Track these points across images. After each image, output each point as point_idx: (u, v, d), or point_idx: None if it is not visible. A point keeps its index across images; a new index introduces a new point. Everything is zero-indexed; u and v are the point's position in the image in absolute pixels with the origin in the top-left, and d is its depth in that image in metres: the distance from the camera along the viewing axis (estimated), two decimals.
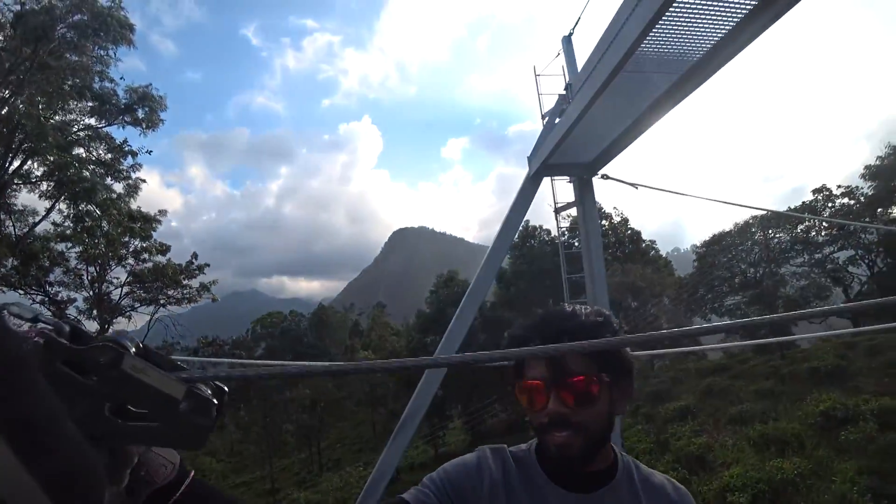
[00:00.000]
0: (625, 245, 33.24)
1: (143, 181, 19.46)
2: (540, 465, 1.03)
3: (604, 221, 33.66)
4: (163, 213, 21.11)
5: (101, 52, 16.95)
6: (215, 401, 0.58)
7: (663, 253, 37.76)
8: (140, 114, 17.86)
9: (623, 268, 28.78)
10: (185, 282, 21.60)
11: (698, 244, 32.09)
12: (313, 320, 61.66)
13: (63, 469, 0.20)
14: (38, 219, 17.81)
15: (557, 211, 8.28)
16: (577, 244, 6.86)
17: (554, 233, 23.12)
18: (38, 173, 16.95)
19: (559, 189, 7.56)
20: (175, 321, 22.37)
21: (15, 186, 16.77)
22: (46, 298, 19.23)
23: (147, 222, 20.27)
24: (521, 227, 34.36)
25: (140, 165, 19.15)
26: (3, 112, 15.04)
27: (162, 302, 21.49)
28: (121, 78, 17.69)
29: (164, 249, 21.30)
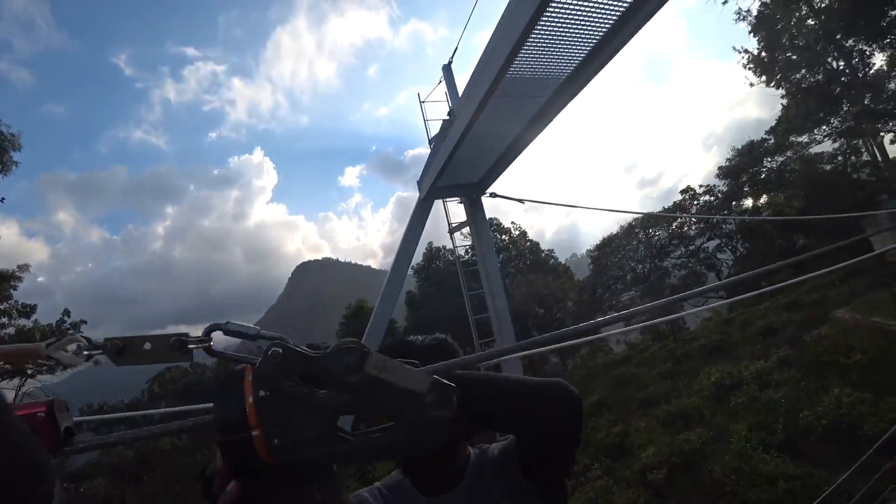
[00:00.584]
0: (525, 257, 34.79)
1: None
2: (413, 483, 1.13)
3: (503, 236, 35.00)
4: (23, 267, 18.69)
5: None
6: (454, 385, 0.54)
7: (562, 260, 40.03)
8: None
9: (526, 279, 30.07)
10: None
11: (592, 248, 34.42)
12: (219, 369, 57.34)
13: (8, 465, 0.20)
14: None
15: (452, 231, 8.46)
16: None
17: (459, 252, 23.64)
18: None
19: (452, 209, 7.71)
20: (47, 392, 19.56)
21: None
22: None
23: (4, 281, 17.78)
24: (426, 249, 35.01)
25: None
26: None
27: (30, 372, 18.74)
28: None
29: (27, 311, 18.87)
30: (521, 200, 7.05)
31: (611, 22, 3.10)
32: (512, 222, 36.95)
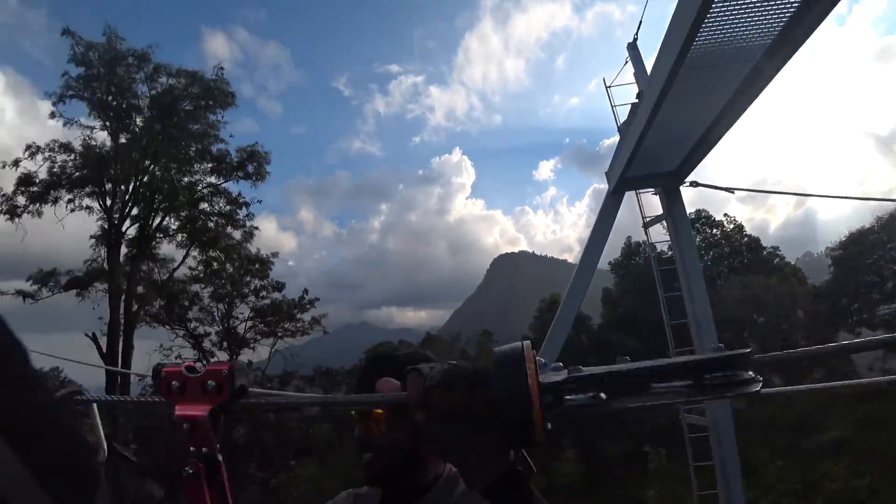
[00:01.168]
0: (741, 255, 30.00)
1: (257, 228, 21.76)
2: (381, 498, 1.17)
3: (714, 230, 30.72)
4: (275, 254, 23.25)
5: (213, 117, 19.62)
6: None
7: (791, 259, 33.44)
8: (250, 169, 20.15)
9: (742, 280, 25.92)
10: (298, 315, 23.27)
11: (833, 245, 27.92)
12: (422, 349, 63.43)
13: (57, 459, 0.21)
14: (175, 265, 20.46)
15: (647, 225, 7.73)
16: None
17: (660, 248, 21.53)
18: (174, 227, 19.68)
19: (648, 202, 7.07)
20: (292, 353, 23.92)
21: (157, 239, 19.49)
22: (187, 333, 21.80)
23: (263, 264, 22.45)
24: (624, 243, 32.90)
25: (253, 214, 21.46)
26: (144, 179, 17.85)
27: (280, 334, 23.22)
28: (231, 136, 20.29)
29: (279, 287, 23.29)
30: (730, 190, 6.12)
31: None
32: (725, 214, 31.87)
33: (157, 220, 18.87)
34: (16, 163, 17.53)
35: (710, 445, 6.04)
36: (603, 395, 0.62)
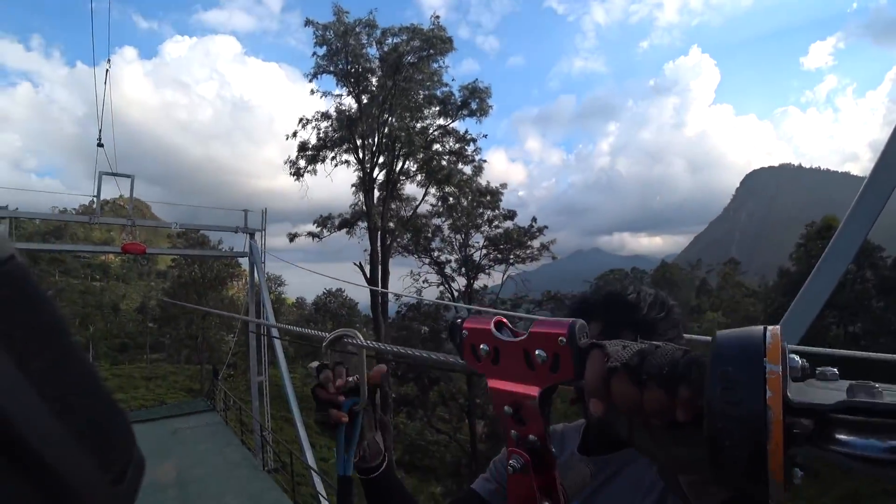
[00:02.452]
0: None
1: (485, 161, 23.16)
2: (581, 438, 1.05)
3: None
4: (504, 186, 24.54)
5: (435, 65, 21.02)
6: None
7: None
8: (473, 105, 21.20)
9: None
10: (528, 242, 24.29)
11: None
12: (656, 278, 60.00)
13: (94, 421, 0.23)
14: (417, 203, 23.41)
15: None
16: None
17: None
18: (414, 169, 22.19)
19: None
20: (524, 278, 25.20)
21: (401, 181, 22.42)
22: (431, 261, 24.92)
23: (493, 195, 23.92)
24: None
25: (480, 149, 22.83)
26: (385, 131, 20.39)
27: (511, 261, 24.74)
28: (452, 80, 21.38)
29: (510, 216, 24.77)
30: None
31: None
32: None
33: (400, 165, 21.67)
34: (294, 134, 22.01)
35: None
36: None
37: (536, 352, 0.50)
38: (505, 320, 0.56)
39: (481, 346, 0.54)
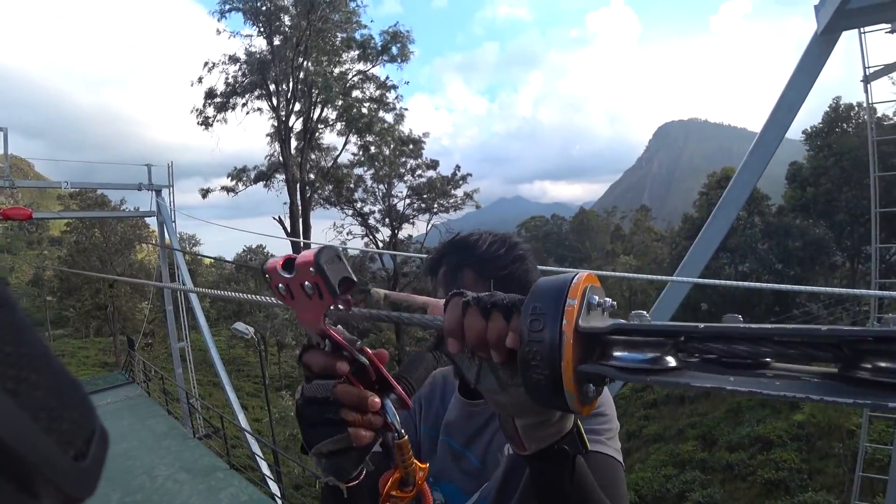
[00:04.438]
0: None
1: (406, 109, 22.66)
2: (459, 382, 1.11)
3: None
4: (426, 134, 24.21)
5: (353, 4, 19.87)
6: None
7: None
8: (394, 50, 20.39)
9: None
10: (451, 191, 24.35)
11: None
12: (574, 224, 62.74)
13: (50, 397, 0.22)
14: (338, 152, 22.57)
15: (869, 79, 6.20)
16: None
17: (882, 111, 16.93)
18: (333, 117, 21.20)
19: (875, 45, 5.51)
20: (448, 227, 25.36)
21: (320, 130, 21.42)
22: (354, 212, 24.46)
23: (416, 144, 23.53)
24: (829, 106, 26.63)
25: (402, 97, 22.21)
26: (300, 75, 19.15)
27: (435, 210, 24.80)
28: (371, 21, 20.23)
29: (433, 165, 24.56)
30: None
31: None
32: None
33: (318, 113, 20.60)
34: (199, 80, 20.19)
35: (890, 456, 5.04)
36: (671, 360, 0.42)
37: (304, 283, 0.56)
38: (293, 255, 0.58)
39: (279, 286, 0.59)
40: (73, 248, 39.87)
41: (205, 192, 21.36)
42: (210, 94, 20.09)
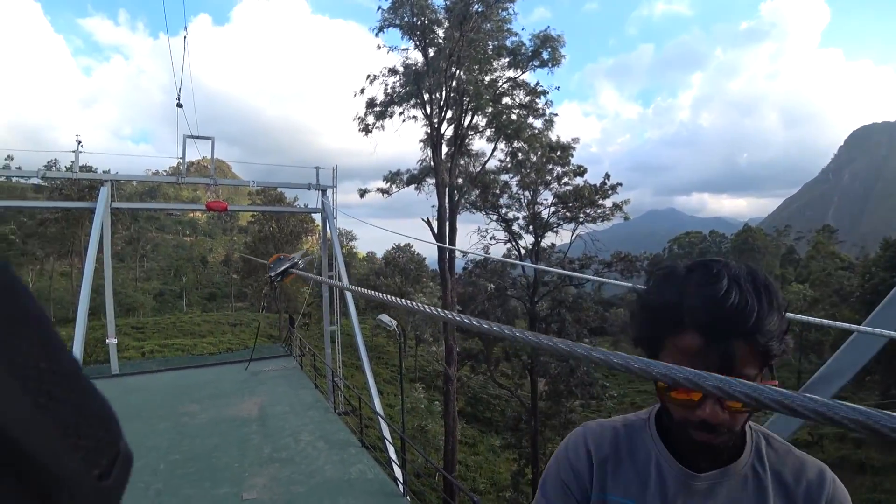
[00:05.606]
0: None
1: (556, 115, 22.26)
2: (658, 434, 0.94)
3: None
4: (575, 140, 23.53)
5: (503, 13, 20.11)
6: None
7: None
8: (545, 55, 20.28)
9: None
10: (599, 201, 23.43)
11: None
12: (737, 242, 56.29)
13: (79, 415, 0.23)
14: (486, 158, 23.08)
15: None
16: None
17: None
18: (483, 123, 21.74)
19: None
20: (593, 237, 24.38)
21: (470, 137, 22.06)
22: (499, 218, 24.78)
23: (564, 150, 23.12)
24: None
25: (551, 102, 21.99)
26: (453, 84, 19.94)
27: (581, 220, 24.06)
28: (522, 29, 20.23)
29: (581, 172, 23.89)
30: None
31: None
32: None
33: (468, 120, 21.23)
34: (362, 91, 22.07)
35: None
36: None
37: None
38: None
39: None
40: (256, 236, 46.75)
41: (362, 193, 23.36)
42: (371, 104, 21.92)
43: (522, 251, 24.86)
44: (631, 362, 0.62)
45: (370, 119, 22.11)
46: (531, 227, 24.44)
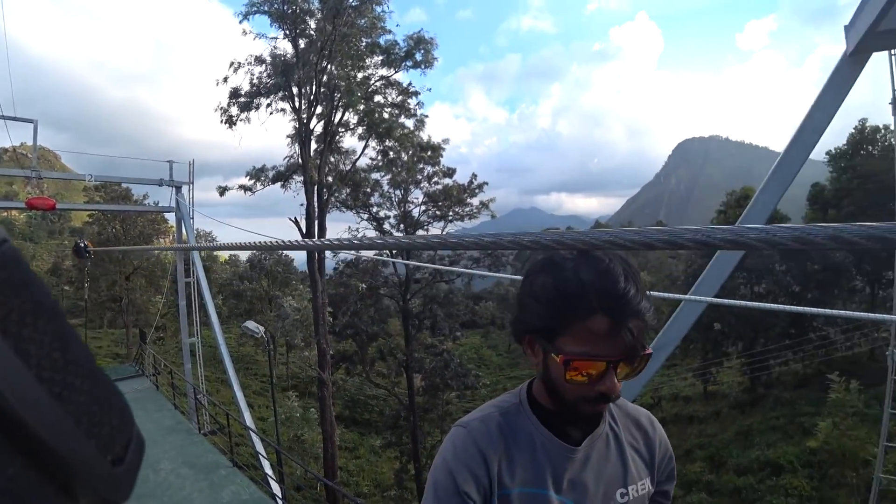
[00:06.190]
0: None
1: (427, 116, 22.40)
2: (536, 416, 0.99)
3: None
4: (445, 141, 24.01)
5: (378, 9, 19.68)
6: None
7: None
8: (418, 56, 20.38)
9: None
10: (467, 200, 24.31)
11: None
12: None
13: (92, 402, 0.23)
14: (356, 156, 22.56)
15: None
16: None
17: None
18: (354, 120, 21.28)
19: None
20: (462, 235, 25.18)
21: (340, 134, 21.47)
22: (370, 216, 24.58)
23: (435, 150, 23.49)
24: (854, 128, 26.17)
25: (423, 103, 22.10)
26: (324, 79, 19.27)
27: (450, 218, 24.84)
28: (397, 26, 20.06)
29: (450, 172, 24.56)
30: None
31: None
32: None
33: (339, 116, 20.56)
34: (225, 79, 20.31)
35: None
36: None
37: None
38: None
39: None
40: (95, 239, 40.56)
41: (222, 190, 21.58)
42: (235, 94, 20.28)
43: (394, 250, 24.93)
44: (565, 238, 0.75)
45: (234, 110, 20.42)
46: (402, 226, 24.66)
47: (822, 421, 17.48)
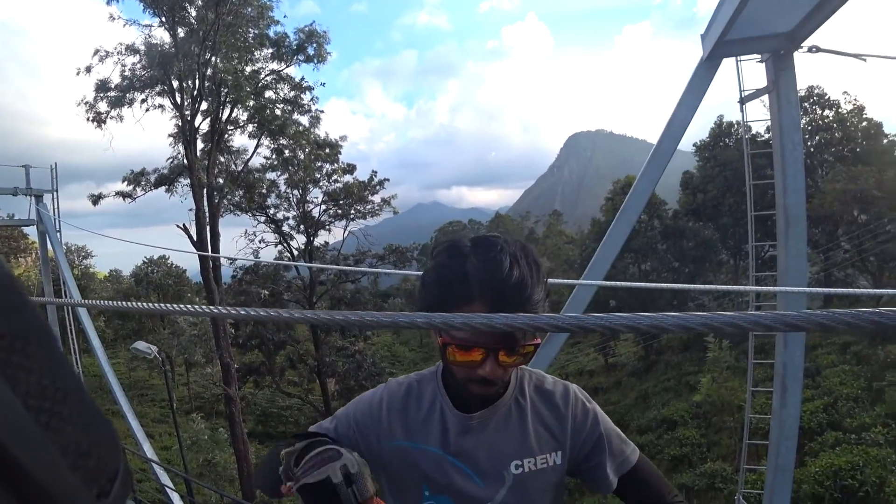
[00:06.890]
0: (856, 141, 25.58)
1: (322, 111, 21.55)
2: (444, 389, 1.09)
3: (826, 111, 26.34)
4: (343, 138, 23.40)
5: None
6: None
7: None
8: (310, 50, 19.48)
9: (849, 171, 22.68)
10: (368, 197, 23.89)
11: None
12: (491, 228, 64.98)
13: (81, 433, 0.22)
14: (249, 156, 21.17)
15: (744, 100, 6.79)
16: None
17: (756, 129, 18.95)
18: (244, 118, 19.91)
19: (750, 72, 6.10)
20: (365, 233, 24.84)
21: (229, 132, 19.99)
22: (267, 219, 23.30)
23: (333, 148, 22.82)
24: (714, 123, 29.65)
25: (317, 98, 21.18)
26: (208, 72, 17.72)
27: (352, 216, 24.21)
28: (285, 17, 19.00)
29: (349, 170, 23.95)
30: (860, 57, 5.01)
31: None
32: (844, 93, 26.57)
33: (227, 113, 19.13)
34: (87, 70, 17.85)
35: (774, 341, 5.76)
36: None
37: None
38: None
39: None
40: None
41: (96, 199, 19.34)
42: (103, 87, 18.01)
43: (295, 252, 24.00)
44: (416, 318, 0.72)
45: (103, 106, 18.14)
46: (302, 227, 23.79)
47: (703, 377, 20.70)
